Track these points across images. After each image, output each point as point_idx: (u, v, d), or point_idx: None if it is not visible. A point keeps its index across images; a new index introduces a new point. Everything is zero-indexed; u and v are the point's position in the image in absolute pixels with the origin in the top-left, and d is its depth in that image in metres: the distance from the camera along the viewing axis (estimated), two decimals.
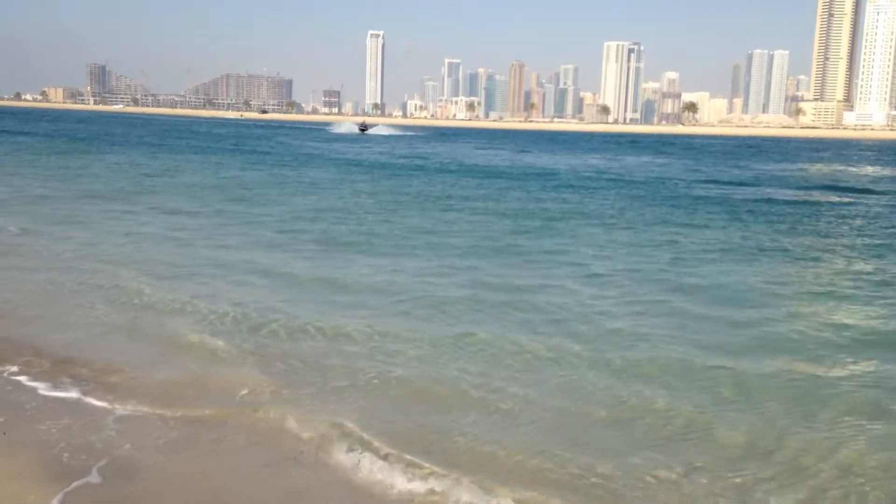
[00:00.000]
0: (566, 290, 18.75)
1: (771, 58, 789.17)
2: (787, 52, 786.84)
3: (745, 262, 22.97)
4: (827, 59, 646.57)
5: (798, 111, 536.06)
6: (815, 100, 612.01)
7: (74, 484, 8.62)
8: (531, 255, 23.78)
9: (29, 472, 8.85)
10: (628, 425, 10.69)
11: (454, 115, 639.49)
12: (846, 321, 16.44)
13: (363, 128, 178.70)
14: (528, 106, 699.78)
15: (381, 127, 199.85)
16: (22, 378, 11.83)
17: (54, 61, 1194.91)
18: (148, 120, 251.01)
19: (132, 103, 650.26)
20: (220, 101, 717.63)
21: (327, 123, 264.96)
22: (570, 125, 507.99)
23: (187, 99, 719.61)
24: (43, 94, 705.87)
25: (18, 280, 18.33)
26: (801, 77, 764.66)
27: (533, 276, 20.41)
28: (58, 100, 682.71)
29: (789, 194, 48.97)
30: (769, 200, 44.07)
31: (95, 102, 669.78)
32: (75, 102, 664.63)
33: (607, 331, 15.18)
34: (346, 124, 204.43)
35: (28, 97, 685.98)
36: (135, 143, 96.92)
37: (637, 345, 14.21)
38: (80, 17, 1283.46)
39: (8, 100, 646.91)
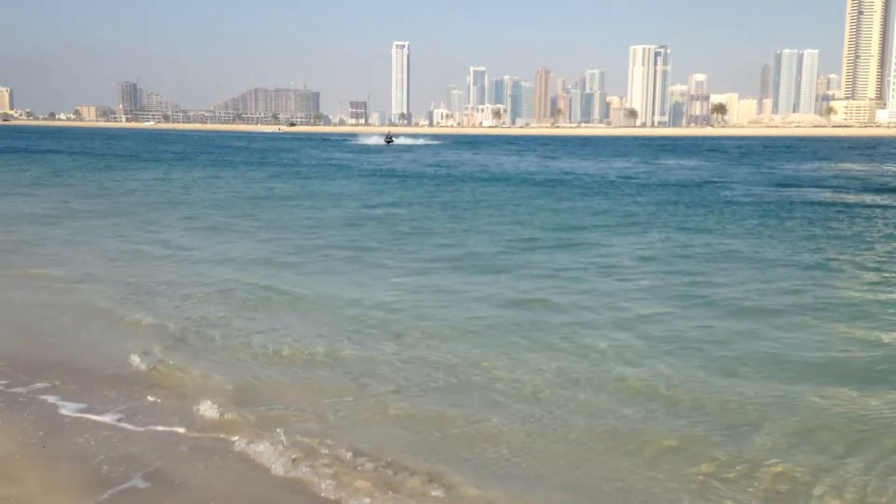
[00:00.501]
0: (598, 297, 18.39)
1: (800, 57, 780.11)
2: (817, 50, 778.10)
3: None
4: (857, 56, 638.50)
5: (829, 110, 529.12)
6: (847, 98, 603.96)
7: (116, 489, 8.48)
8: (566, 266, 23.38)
9: (69, 483, 8.73)
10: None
11: (480, 123, 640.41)
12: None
13: (389, 139, 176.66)
14: (555, 111, 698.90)
15: (407, 137, 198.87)
16: (56, 395, 11.75)
17: (86, 81, 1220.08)
18: (183, 136, 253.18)
19: (163, 120, 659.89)
20: (248, 115, 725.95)
21: (353, 135, 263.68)
22: (598, 130, 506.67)
23: (217, 114, 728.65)
24: (76, 112, 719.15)
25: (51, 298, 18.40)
26: (832, 76, 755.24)
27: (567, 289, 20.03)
28: (91, 118, 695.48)
29: (839, 196, 46.32)
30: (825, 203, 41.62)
31: (127, 120, 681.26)
32: (107, 120, 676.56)
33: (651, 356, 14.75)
34: (373, 136, 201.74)
35: (62, 116, 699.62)
36: (191, 158, 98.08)
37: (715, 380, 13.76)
38: (110, 36, 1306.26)
39: (43, 119, 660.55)
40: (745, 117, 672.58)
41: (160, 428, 10.37)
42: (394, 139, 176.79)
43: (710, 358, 13.19)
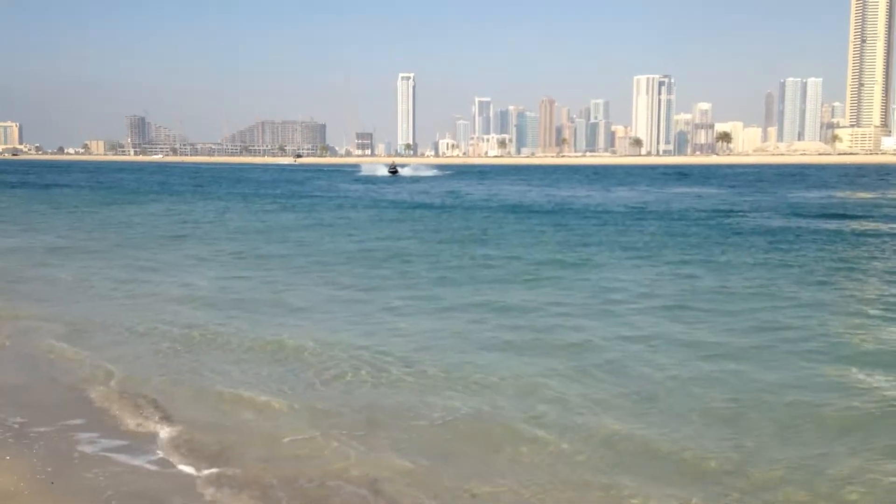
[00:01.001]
0: (604, 323, 18.40)
1: (804, 85, 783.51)
2: (821, 79, 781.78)
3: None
4: (862, 84, 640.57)
5: (835, 138, 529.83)
6: (852, 126, 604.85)
7: None
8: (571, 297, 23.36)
9: None
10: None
11: (486, 153, 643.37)
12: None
13: (393, 169, 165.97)
14: (560, 141, 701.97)
15: (412, 168, 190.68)
16: (69, 430, 11.81)
17: (95, 115, 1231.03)
18: (196, 169, 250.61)
19: (171, 153, 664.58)
20: (256, 147, 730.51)
21: (356, 166, 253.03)
22: (603, 159, 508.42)
23: (224, 146, 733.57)
24: (85, 146, 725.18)
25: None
26: (836, 104, 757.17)
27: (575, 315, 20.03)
28: (99, 152, 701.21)
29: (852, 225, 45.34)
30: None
31: (135, 153, 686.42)
32: (116, 154, 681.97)
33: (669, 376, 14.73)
34: (378, 166, 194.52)
35: (71, 150, 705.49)
36: (209, 191, 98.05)
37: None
38: (119, 71, 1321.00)
39: (52, 153, 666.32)
40: (750, 145, 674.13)
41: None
42: (399, 169, 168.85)
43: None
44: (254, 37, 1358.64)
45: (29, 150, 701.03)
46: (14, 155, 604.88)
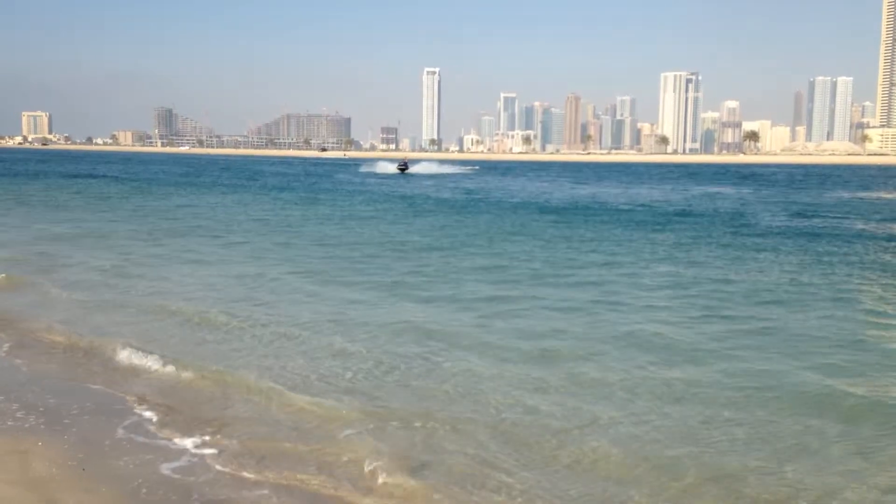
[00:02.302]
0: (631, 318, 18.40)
1: (834, 84, 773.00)
2: (851, 78, 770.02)
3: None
4: (893, 84, 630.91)
5: (865, 138, 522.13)
6: (882, 126, 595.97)
7: None
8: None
9: None
10: None
11: (511, 149, 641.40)
12: None
13: (403, 166, 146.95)
14: (585, 138, 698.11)
15: (427, 164, 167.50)
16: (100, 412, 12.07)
17: (123, 106, 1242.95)
18: (234, 162, 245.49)
19: (197, 144, 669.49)
20: (281, 140, 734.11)
21: (359, 161, 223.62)
22: (629, 156, 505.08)
23: (250, 139, 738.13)
24: (113, 137, 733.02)
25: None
26: (867, 103, 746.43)
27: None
28: (127, 143, 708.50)
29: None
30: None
31: (163, 144, 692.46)
32: (143, 145, 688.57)
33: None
34: (381, 163, 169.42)
35: (99, 141, 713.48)
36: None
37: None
38: (148, 63, 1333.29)
39: (80, 144, 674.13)
40: (778, 145, 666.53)
41: None
42: (409, 166, 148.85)
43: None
44: (280, 31, 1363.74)
45: (58, 139, 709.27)
46: (44, 144, 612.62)
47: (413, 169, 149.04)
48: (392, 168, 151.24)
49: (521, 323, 18.35)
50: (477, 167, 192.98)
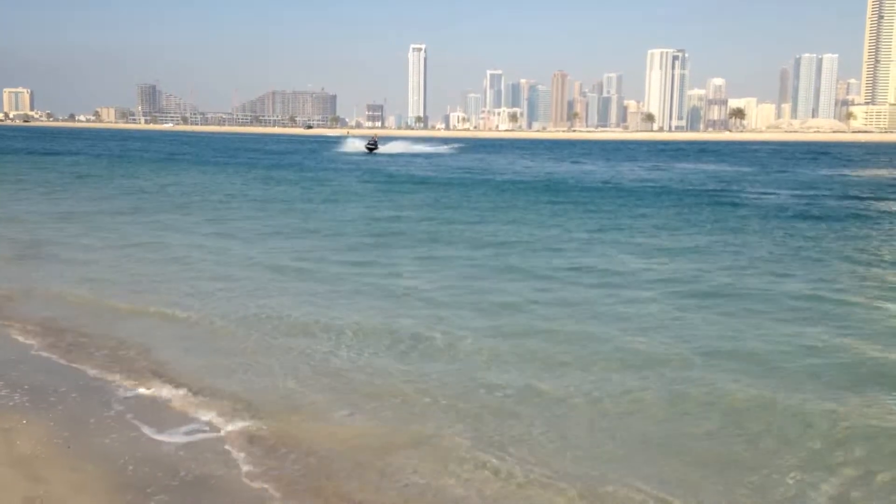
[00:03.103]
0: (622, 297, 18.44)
1: (819, 62, 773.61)
2: (837, 55, 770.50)
3: None
4: (878, 61, 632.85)
5: (849, 115, 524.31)
6: (867, 103, 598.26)
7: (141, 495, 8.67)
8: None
9: (95, 485, 8.93)
10: None
11: (497, 127, 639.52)
12: None
13: (371, 145, 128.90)
14: (572, 115, 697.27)
15: (398, 143, 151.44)
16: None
17: (106, 82, 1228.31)
18: (235, 139, 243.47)
19: (181, 122, 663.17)
20: (266, 117, 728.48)
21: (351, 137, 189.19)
22: (615, 134, 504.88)
23: (235, 116, 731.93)
24: (96, 114, 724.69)
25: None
26: (852, 81, 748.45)
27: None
28: (110, 119, 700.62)
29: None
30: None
31: (146, 121, 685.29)
32: (127, 122, 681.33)
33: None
34: (350, 140, 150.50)
35: (82, 118, 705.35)
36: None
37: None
38: (130, 38, 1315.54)
39: (63, 121, 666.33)
40: (764, 122, 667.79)
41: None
42: (378, 145, 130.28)
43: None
44: (266, 6, 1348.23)
45: (40, 116, 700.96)
46: (25, 122, 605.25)
47: (383, 148, 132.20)
48: (361, 146, 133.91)
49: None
50: (457, 146, 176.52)
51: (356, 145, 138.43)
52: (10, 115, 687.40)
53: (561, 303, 18.12)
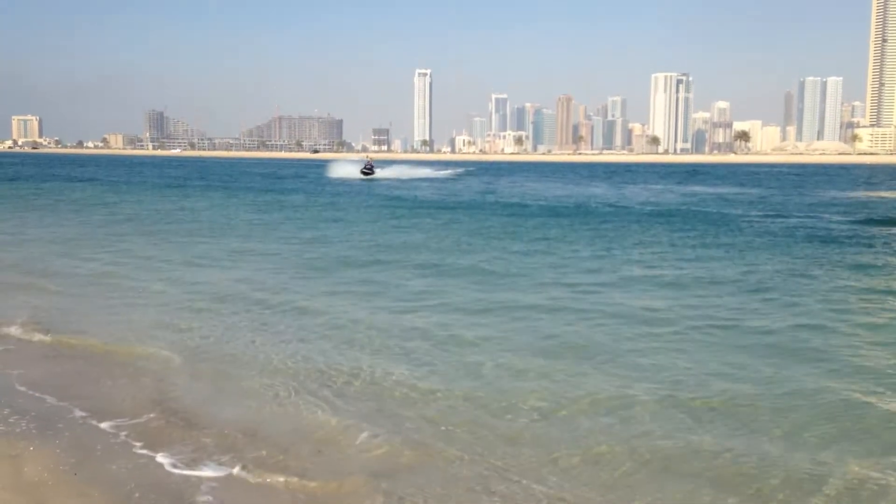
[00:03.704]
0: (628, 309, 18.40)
1: (824, 84, 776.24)
2: (841, 78, 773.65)
3: None
4: (882, 84, 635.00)
5: (855, 137, 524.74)
6: (872, 126, 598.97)
7: None
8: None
9: None
10: None
11: (502, 150, 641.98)
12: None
13: (368, 170, 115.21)
14: (577, 139, 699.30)
15: (398, 166, 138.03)
16: (93, 420, 12.01)
17: (114, 109, 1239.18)
18: (243, 163, 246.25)
19: (189, 147, 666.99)
20: (273, 142, 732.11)
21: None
22: (620, 157, 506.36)
23: (242, 141, 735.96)
24: (104, 140, 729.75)
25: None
26: (856, 103, 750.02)
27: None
28: (118, 146, 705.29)
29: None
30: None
31: (154, 147, 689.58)
32: (134, 148, 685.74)
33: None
34: (343, 164, 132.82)
35: (90, 144, 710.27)
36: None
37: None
38: (137, 66, 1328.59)
39: (71, 147, 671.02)
40: (769, 145, 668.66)
41: None
42: (374, 169, 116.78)
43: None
44: (271, 33, 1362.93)
45: (48, 143, 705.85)
46: (34, 148, 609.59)
47: (382, 173, 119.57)
48: (353, 171, 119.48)
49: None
50: (462, 169, 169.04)
51: (347, 170, 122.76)
52: (20, 143, 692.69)
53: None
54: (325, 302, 20.89)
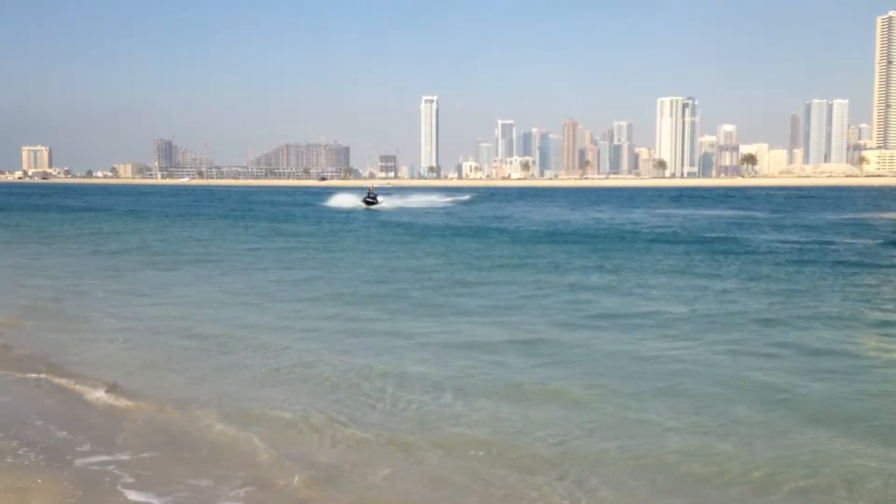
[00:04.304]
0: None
1: (830, 107, 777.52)
2: (847, 100, 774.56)
3: None
4: (888, 105, 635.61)
5: (862, 160, 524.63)
6: (879, 147, 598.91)
7: None
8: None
9: None
10: None
11: (509, 175, 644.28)
12: None
13: (370, 199, 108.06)
14: (583, 163, 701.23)
15: (403, 193, 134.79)
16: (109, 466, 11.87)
17: (123, 138, 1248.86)
18: (251, 191, 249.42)
19: (197, 176, 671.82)
20: (280, 170, 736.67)
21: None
22: (627, 181, 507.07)
23: (249, 170, 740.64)
24: (113, 170, 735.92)
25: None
26: (863, 125, 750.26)
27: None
28: (127, 175, 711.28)
29: None
30: None
31: (162, 176, 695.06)
32: (143, 177, 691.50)
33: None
34: (343, 195, 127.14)
35: (99, 174, 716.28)
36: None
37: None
38: (146, 95, 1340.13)
39: (80, 177, 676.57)
40: (776, 167, 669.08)
41: None
42: (378, 198, 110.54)
43: None
44: (278, 61, 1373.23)
45: (58, 173, 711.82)
46: (44, 178, 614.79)
47: (385, 203, 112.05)
48: (354, 202, 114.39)
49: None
50: (468, 196, 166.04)
51: (347, 200, 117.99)
52: (30, 173, 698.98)
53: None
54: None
